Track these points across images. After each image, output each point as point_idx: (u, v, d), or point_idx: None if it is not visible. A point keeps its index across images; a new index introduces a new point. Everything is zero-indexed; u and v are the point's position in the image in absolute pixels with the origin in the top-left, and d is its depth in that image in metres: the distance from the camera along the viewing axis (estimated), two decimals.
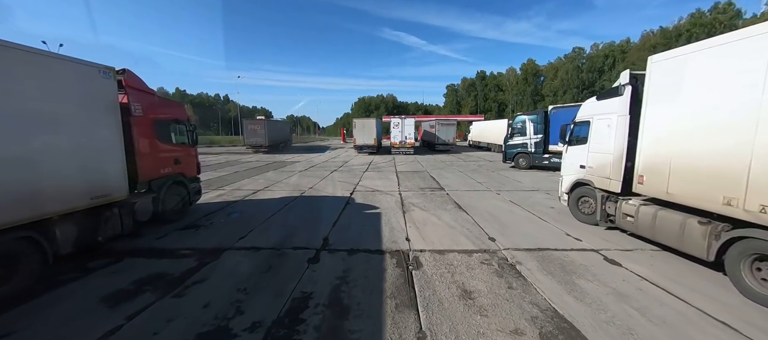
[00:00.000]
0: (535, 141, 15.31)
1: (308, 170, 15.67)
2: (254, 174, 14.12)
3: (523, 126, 15.81)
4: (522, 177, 13.16)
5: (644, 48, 50.27)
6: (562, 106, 15.48)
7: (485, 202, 8.69)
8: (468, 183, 11.72)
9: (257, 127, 28.29)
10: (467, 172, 14.91)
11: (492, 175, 13.93)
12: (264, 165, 18.12)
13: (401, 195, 9.58)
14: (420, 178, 13.07)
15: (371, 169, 16.28)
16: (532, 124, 15.49)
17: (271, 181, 12.22)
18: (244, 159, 22.24)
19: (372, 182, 11.92)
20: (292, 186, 11.10)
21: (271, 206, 8.23)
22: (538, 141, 15.20)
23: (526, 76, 73.10)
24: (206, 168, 16.42)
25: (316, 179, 12.81)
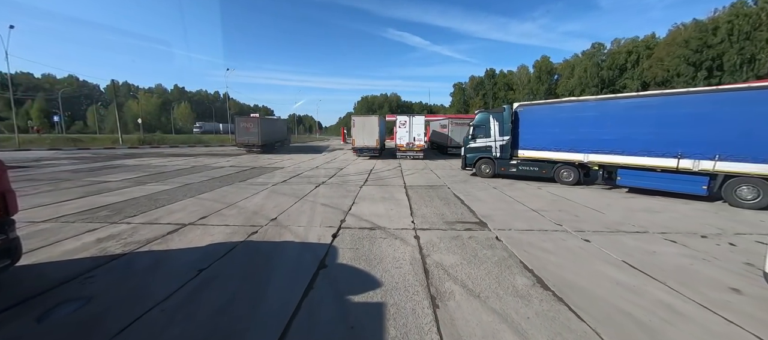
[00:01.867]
0: (500, 144, 12.57)
1: (287, 183, 11.69)
2: (207, 189, 10.17)
3: (487, 126, 12.87)
4: (582, 197, 9.09)
5: (675, 42, 45.86)
6: (534, 104, 12.57)
7: (581, 266, 4.64)
8: (518, 211, 7.68)
9: (250, 124, 25.77)
10: (503, 189, 10.84)
11: (543, 195, 9.86)
12: (235, 173, 14.18)
13: (419, 241, 5.57)
14: (441, 199, 9.04)
15: (371, 181, 12.28)
16: (497, 124, 12.58)
17: (220, 203, 8.25)
18: (219, 163, 18.33)
19: (371, 207, 7.93)
20: (246, 215, 7.12)
21: (173, 272, 4.27)
22: (504, 144, 12.48)
23: (540, 74, 68.76)
24: (156, 177, 12.51)
25: (289, 199, 8.82)
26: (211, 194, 9.29)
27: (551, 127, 11.32)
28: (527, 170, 12.08)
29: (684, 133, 8.50)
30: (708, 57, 41.84)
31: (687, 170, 8.51)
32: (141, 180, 11.80)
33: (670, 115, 8.73)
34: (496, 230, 6.17)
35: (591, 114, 10.36)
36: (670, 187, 8.85)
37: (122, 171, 14.34)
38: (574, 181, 11.05)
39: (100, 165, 16.67)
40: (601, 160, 10.19)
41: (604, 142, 10.01)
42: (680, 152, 8.55)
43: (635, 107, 9.44)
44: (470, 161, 13.50)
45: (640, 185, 9.44)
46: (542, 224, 6.60)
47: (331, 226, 6.36)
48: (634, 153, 9.40)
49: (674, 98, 8.82)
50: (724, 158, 7.95)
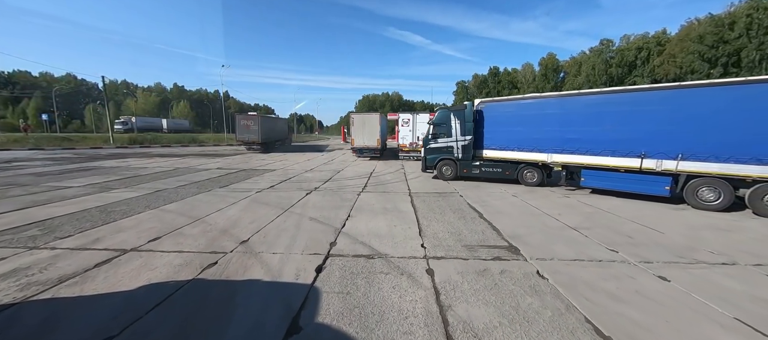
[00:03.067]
0: (462, 144, 11.63)
1: (274, 189, 10.20)
2: (178, 197, 8.68)
3: (448, 124, 11.83)
4: (621, 208, 7.55)
5: (688, 38, 44.05)
6: (497, 100, 11.61)
7: (681, 330, 3.10)
8: (551, 229, 6.14)
9: (250, 122, 25.89)
10: (524, 196, 9.30)
11: (573, 204, 8.32)
12: (219, 176, 12.70)
13: (434, 279, 4.07)
14: (454, 210, 7.53)
15: (371, 186, 10.77)
16: (458, 123, 11.60)
17: (186, 217, 6.76)
18: (205, 165, 16.87)
19: (369, 223, 6.42)
20: (211, 236, 5.63)
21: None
22: (466, 144, 11.56)
23: (546, 71, 67.00)
24: (127, 181, 11.06)
25: (272, 211, 7.33)
26: (179, 205, 7.80)
27: (515, 125, 10.64)
28: (491, 171, 11.37)
29: (647, 131, 8.15)
30: (724, 53, 40.03)
31: (650, 170, 8.18)
32: (108, 186, 10.34)
33: (634, 113, 8.33)
34: (534, 260, 4.64)
35: (554, 112, 9.73)
36: (634, 188, 8.53)
37: (94, 174, 12.89)
38: (538, 182, 10.61)
39: (75, 167, 15.24)
40: (564, 160, 9.70)
41: (567, 141, 9.50)
42: (644, 152, 8.21)
43: (598, 104, 8.91)
44: (431, 163, 12.39)
45: (604, 186, 9.05)
46: (591, 250, 5.06)
47: (316, 252, 4.85)
48: (598, 153, 8.95)
49: (637, 95, 8.40)
50: (687, 158, 7.68)
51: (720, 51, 40.53)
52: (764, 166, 6.83)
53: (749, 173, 7.01)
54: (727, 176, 7.30)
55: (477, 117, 11.45)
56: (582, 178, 9.36)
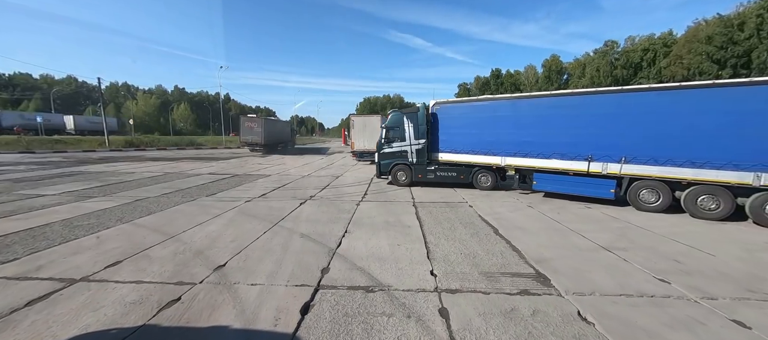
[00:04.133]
0: (416, 148, 11.20)
1: (266, 198, 9.35)
2: (158, 208, 7.84)
3: (401, 128, 11.35)
4: (650, 222, 6.67)
5: (696, 39, 43.15)
6: (451, 102, 11.23)
7: None
8: (582, 249, 5.26)
9: (253, 124, 26.54)
10: (540, 207, 8.42)
11: (597, 217, 7.44)
12: (209, 183, 11.87)
13: (449, 324, 3.20)
14: (465, 224, 6.65)
15: (372, 194, 9.92)
16: (411, 126, 11.16)
17: (159, 233, 5.92)
18: (198, 170, 16.06)
19: (369, 241, 5.55)
20: (182, 260, 4.77)
21: None
22: (420, 148, 11.13)
23: (550, 73, 66.17)
24: (109, 188, 10.25)
25: (259, 225, 6.47)
26: (155, 218, 6.95)
27: (469, 128, 10.36)
28: (446, 175, 11.01)
29: (593, 135, 8.23)
30: (733, 54, 39.11)
31: (597, 173, 8.26)
32: (86, 194, 9.52)
33: (581, 116, 8.37)
34: (571, 296, 3.76)
35: (507, 114, 9.64)
36: (582, 191, 8.57)
37: (76, 180, 12.08)
38: (492, 186, 10.47)
39: (58, 172, 14.44)
40: (517, 163, 9.60)
41: (520, 144, 9.40)
42: (590, 155, 8.28)
43: (548, 107, 8.90)
44: (385, 169, 11.81)
45: (555, 190, 9.05)
46: (637, 280, 4.18)
47: (304, 284, 3.99)
48: (548, 156, 8.91)
49: (584, 98, 8.50)
50: (629, 161, 7.82)
51: (729, 52, 39.61)
52: (698, 169, 7.03)
53: (684, 175, 7.22)
54: (665, 178, 7.46)
55: (431, 120, 11.00)
56: (534, 181, 9.27)
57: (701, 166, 6.99)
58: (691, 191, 7.26)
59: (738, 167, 6.64)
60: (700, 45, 42.22)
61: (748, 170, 6.53)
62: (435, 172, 11.11)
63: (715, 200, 7.04)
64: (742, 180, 6.62)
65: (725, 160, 6.75)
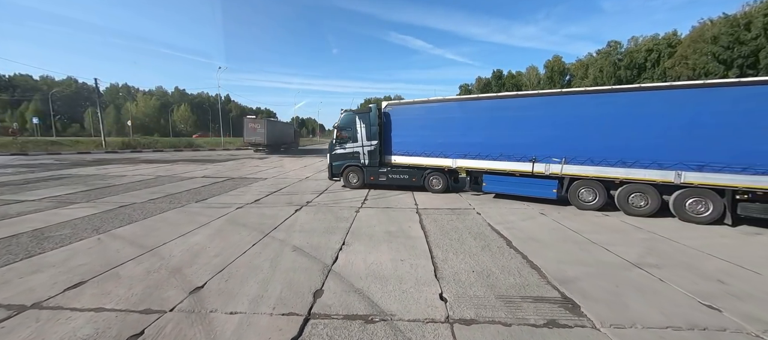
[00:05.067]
0: (368, 149, 10.98)
1: (259, 203, 8.78)
2: (141, 216, 7.27)
3: (353, 128, 11.12)
4: (687, 236, 6.06)
5: (701, 39, 42.52)
6: (403, 103, 10.97)
7: None
8: (610, 266, 4.65)
9: (257, 125, 27.44)
10: (554, 215, 7.82)
11: (616, 225, 6.84)
12: (201, 187, 11.30)
13: None
14: (474, 235, 6.06)
15: (372, 199, 9.33)
16: (363, 127, 10.95)
17: (136, 246, 5.34)
18: (192, 173, 15.50)
19: (369, 256, 4.96)
20: (154, 280, 4.19)
21: None
22: (372, 149, 10.92)
23: (552, 74, 65.61)
24: (95, 193, 9.69)
25: (248, 236, 5.89)
26: (136, 228, 6.37)
27: (421, 130, 10.20)
28: (398, 178, 10.79)
29: (536, 136, 8.40)
30: (740, 54, 38.42)
31: (541, 173, 8.47)
32: (68, 199, 8.96)
33: (524, 118, 8.54)
34: (608, 328, 3.16)
35: (457, 115, 9.59)
36: (528, 191, 8.76)
37: (62, 184, 11.54)
38: (443, 189, 10.28)
39: (47, 175, 13.90)
40: (467, 165, 9.61)
41: (469, 146, 9.40)
42: (534, 156, 8.47)
43: (495, 109, 9.01)
44: (337, 170, 11.57)
45: (503, 191, 9.18)
46: (682, 307, 3.57)
47: (292, 312, 3.40)
48: (496, 157, 9.04)
49: (526, 101, 8.66)
50: (569, 162, 8.08)
51: (735, 52, 38.91)
52: (628, 168, 7.44)
53: (617, 175, 7.61)
54: (601, 178, 7.79)
55: (384, 121, 10.74)
56: (484, 183, 9.30)
57: (631, 165, 7.41)
58: (623, 189, 7.64)
59: (662, 167, 7.11)
60: (705, 45, 41.55)
61: (671, 169, 7.03)
62: (387, 174, 10.84)
63: (644, 197, 7.46)
64: (665, 178, 7.12)
65: (651, 160, 7.20)
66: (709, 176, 6.71)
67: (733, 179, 6.52)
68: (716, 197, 6.78)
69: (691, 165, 6.84)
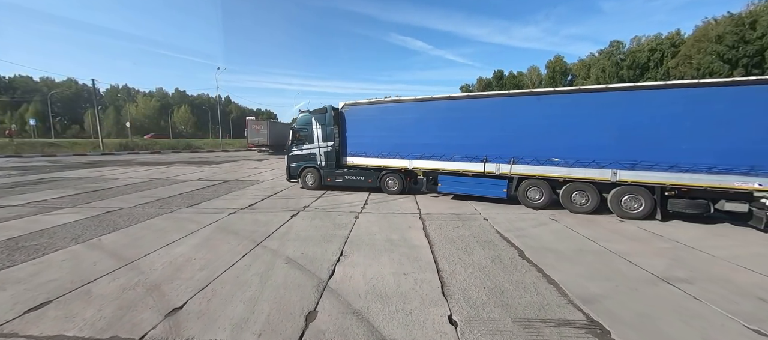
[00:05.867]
0: (324, 150, 10.86)
1: (254, 208, 8.35)
2: (127, 222, 6.84)
3: (310, 129, 10.98)
4: (710, 243, 5.62)
5: (705, 39, 42.03)
6: (359, 103, 10.48)
7: None
8: (636, 280, 4.19)
9: (260, 127, 28.54)
10: (566, 221, 7.37)
11: (632, 232, 6.38)
12: (194, 190, 10.88)
13: None
14: (482, 244, 5.61)
15: (372, 203, 8.90)
16: (319, 127, 10.81)
17: (114, 258, 4.90)
18: (187, 175, 15.08)
19: (369, 268, 4.52)
20: (128, 300, 3.75)
21: None
22: (328, 150, 10.80)
23: (554, 74, 65.13)
24: (83, 198, 9.29)
25: (238, 246, 5.45)
26: (119, 236, 5.94)
27: (378, 130, 10.06)
28: (354, 179, 10.70)
29: (486, 137, 8.53)
30: (745, 53, 37.93)
31: (492, 173, 8.60)
32: (53, 204, 8.54)
33: (476, 119, 8.61)
34: None
35: (412, 116, 9.53)
36: (480, 191, 8.87)
37: (51, 188, 11.13)
38: (399, 190, 10.19)
39: (36, 178, 13.50)
40: (423, 166, 9.56)
41: (425, 146, 9.37)
42: (485, 156, 8.58)
43: (448, 110, 8.99)
44: (294, 172, 11.47)
45: (458, 191, 9.25)
46: (724, 332, 3.12)
47: (281, 339, 2.96)
48: (450, 158, 9.05)
49: (478, 102, 8.76)
50: (518, 162, 8.25)
51: (741, 51, 38.39)
52: (570, 167, 7.67)
53: (560, 174, 7.84)
54: (546, 177, 8.02)
55: (340, 121, 10.57)
56: (439, 184, 9.32)
57: (572, 165, 7.65)
58: (566, 187, 7.89)
59: (600, 166, 7.39)
60: (710, 44, 41.02)
61: (607, 168, 7.32)
62: (343, 175, 10.74)
63: (585, 195, 7.75)
64: (603, 177, 7.41)
65: (590, 160, 7.46)
66: (641, 174, 7.05)
67: (660, 176, 6.90)
68: (647, 193, 7.14)
69: (625, 164, 7.16)
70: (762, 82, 6.07)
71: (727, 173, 6.40)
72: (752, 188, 6.32)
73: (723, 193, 6.64)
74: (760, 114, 6.08)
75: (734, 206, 6.58)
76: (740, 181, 6.34)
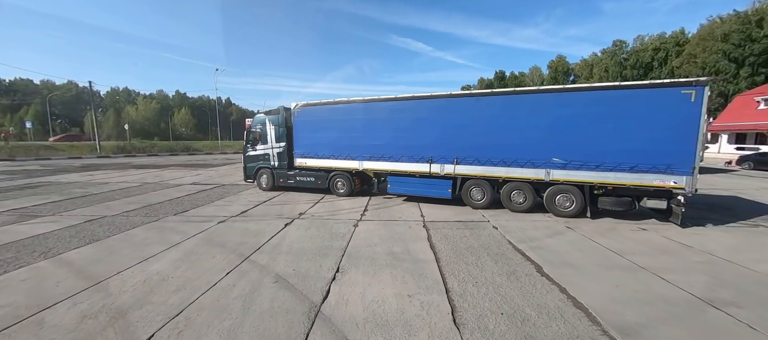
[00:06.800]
0: (277, 151, 10.88)
1: (245, 216, 7.81)
2: (107, 232, 6.31)
3: (264, 130, 11.00)
4: (744, 255, 5.04)
5: (710, 37, 41.40)
6: (311, 104, 10.20)
7: None
8: (675, 304, 3.63)
9: None
10: (583, 230, 6.80)
11: (657, 242, 5.81)
12: (185, 196, 10.35)
13: None
14: (494, 259, 5.05)
15: (373, 209, 8.35)
16: (272, 128, 10.84)
17: (83, 279, 4.37)
18: (181, 179, 14.56)
19: (368, 290, 3.96)
20: (94, 326, 3.21)
21: None
22: (281, 151, 10.81)
23: (556, 74, 64.57)
24: (66, 204, 8.78)
25: (224, 261, 4.91)
26: (92, 249, 5.40)
27: (329, 131, 9.95)
28: (305, 180, 10.63)
29: (431, 138, 8.51)
30: (752, 52, 37.25)
31: (437, 174, 8.62)
32: (33, 212, 8.02)
33: (422, 120, 8.58)
34: None
35: (361, 117, 9.43)
36: (427, 192, 8.90)
37: (36, 194, 10.62)
38: (347, 192, 10.06)
39: (23, 183, 13.01)
40: (373, 167, 9.50)
41: (374, 147, 9.31)
42: (431, 157, 8.59)
43: (395, 111, 8.90)
44: (250, 172, 11.54)
45: (407, 192, 9.28)
46: None
47: None
48: (398, 159, 9.03)
49: (423, 102, 8.56)
50: (461, 162, 8.29)
51: (747, 50, 37.71)
52: (508, 167, 7.82)
53: (499, 174, 7.98)
54: (487, 176, 8.13)
55: (293, 122, 10.41)
56: (389, 184, 9.30)
57: (510, 165, 7.78)
58: (505, 187, 8.06)
59: (535, 165, 7.55)
60: (715, 43, 40.37)
61: (541, 168, 7.49)
62: (295, 176, 10.70)
63: (523, 194, 7.94)
64: (538, 176, 7.58)
65: (526, 160, 7.61)
66: (572, 173, 7.24)
67: (589, 175, 7.12)
68: (578, 192, 7.39)
69: (557, 163, 7.31)
70: (673, 85, 6.29)
71: (647, 172, 6.63)
72: (668, 186, 6.55)
73: (644, 191, 6.89)
74: (672, 115, 6.31)
75: (655, 203, 6.86)
76: (658, 179, 6.58)
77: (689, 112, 6.15)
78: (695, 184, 6.36)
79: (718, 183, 14.13)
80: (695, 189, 6.40)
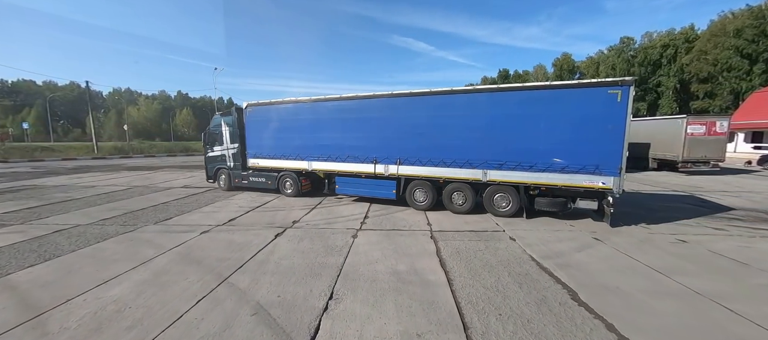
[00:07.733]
0: (232, 152, 10.86)
1: (232, 224, 7.05)
2: (73, 247, 5.56)
3: (220, 131, 11.01)
4: None
5: (722, 33, 40.19)
6: (260, 104, 10.03)
7: None
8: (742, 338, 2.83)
9: None
10: (612, 241, 5.98)
11: (705, 257, 4.99)
12: (172, 201, 9.63)
13: None
14: (517, 281, 4.25)
15: (374, 217, 7.58)
16: (228, 129, 10.79)
17: (24, 308, 3.62)
18: (172, 182, 13.87)
19: (366, 327, 3.18)
20: None
21: None
22: (235, 152, 10.77)
23: (561, 72, 63.47)
24: (40, 211, 8.08)
25: (197, 283, 4.14)
26: (47, 268, 4.65)
27: (279, 131, 9.85)
28: (257, 181, 10.57)
29: (377, 138, 8.39)
30: (766, 48, 36.06)
31: (381, 174, 8.50)
32: (0, 220, 7.31)
33: (366, 120, 8.45)
34: None
35: (309, 117, 9.34)
36: (373, 193, 8.78)
37: (12, 199, 9.98)
38: (294, 193, 10.01)
39: (6, 186, 12.36)
40: (322, 167, 9.39)
41: (322, 147, 9.21)
42: (375, 157, 8.48)
43: (341, 111, 8.80)
44: (211, 173, 11.68)
45: (354, 193, 9.22)
46: None
47: None
48: (345, 159, 8.93)
49: (367, 102, 8.42)
50: (404, 163, 8.17)
51: (761, 45, 36.53)
52: (448, 168, 7.68)
53: (441, 174, 7.82)
54: (429, 177, 7.98)
55: (245, 123, 10.26)
56: (337, 185, 9.22)
57: (450, 165, 7.67)
58: (447, 188, 7.94)
59: (472, 166, 7.47)
60: (727, 39, 39.16)
61: (479, 168, 7.42)
62: (248, 177, 10.66)
63: (463, 195, 7.84)
64: (475, 176, 7.49)
65: (464, 160, 7.52)
66: (507, 174, 7.18)
67: (523, 176, 7.04)
68: (514, 192, 7.38)
69: (493, 164, 7.25)
70: (600, 85, 6.16)
71: (576, 173, 6.57)
72: (597, 187, 6.49)
73: (575, 191, 6.84)
74: (599, 116, 6.18)
75: (586, 203, 6.86)
76: (587, 180, 6.52)
77: (615, 113, 6.02)
78: (622, 184, 6.24)
79: (755, 187, 13.15)
80: (622, 190, 6.27)
